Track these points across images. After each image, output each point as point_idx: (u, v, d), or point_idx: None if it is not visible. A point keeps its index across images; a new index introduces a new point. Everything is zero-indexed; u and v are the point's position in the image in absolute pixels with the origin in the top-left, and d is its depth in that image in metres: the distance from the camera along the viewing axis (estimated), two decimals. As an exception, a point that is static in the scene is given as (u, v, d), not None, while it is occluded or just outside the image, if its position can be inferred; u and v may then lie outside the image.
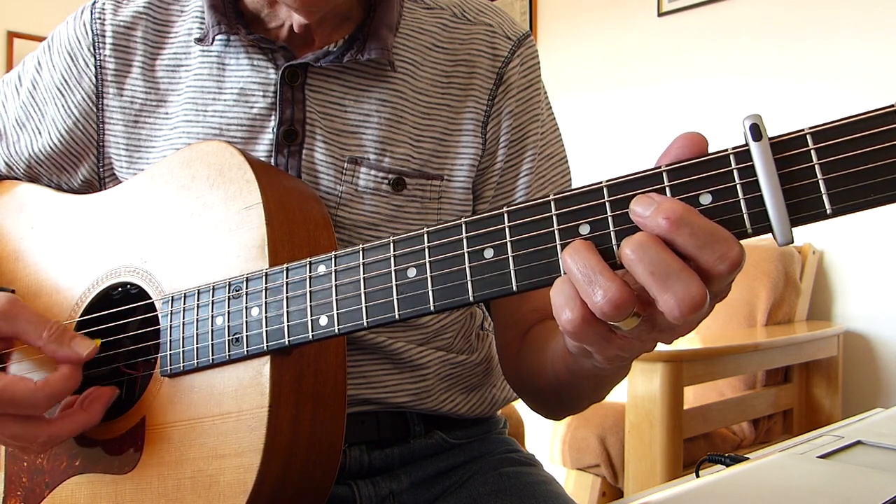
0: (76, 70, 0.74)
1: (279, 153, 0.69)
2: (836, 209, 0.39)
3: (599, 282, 0.41)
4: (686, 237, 0.40)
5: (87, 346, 0.58)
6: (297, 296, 0.54)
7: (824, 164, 0.39)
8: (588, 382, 0.61)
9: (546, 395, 0.72)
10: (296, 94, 0.70)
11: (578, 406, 0.72)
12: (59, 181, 0.77)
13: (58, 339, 0.58)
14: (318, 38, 0.72)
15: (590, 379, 0.60)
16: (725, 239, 0.40)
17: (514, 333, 0.77)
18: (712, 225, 0.40)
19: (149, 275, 0.64)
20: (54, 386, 0.56)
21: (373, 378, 0.73)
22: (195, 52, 0.73)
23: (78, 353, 0.58)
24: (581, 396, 0.68)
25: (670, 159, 0.43)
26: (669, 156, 0.43)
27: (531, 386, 0.74)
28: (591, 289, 0.41)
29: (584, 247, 0.42)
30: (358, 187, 0.70)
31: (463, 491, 0.77)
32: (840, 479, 0.53)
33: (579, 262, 0.42)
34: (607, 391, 0.68)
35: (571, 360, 0.56)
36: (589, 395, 0.68)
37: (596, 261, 0.42)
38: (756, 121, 0.40)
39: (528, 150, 0.76)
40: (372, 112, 0.71)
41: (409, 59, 0.73)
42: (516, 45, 0.76)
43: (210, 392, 0.58)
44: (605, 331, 0.44)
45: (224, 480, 0.55)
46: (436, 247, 0.49)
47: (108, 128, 0.74)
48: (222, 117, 0.71)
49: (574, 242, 0.43)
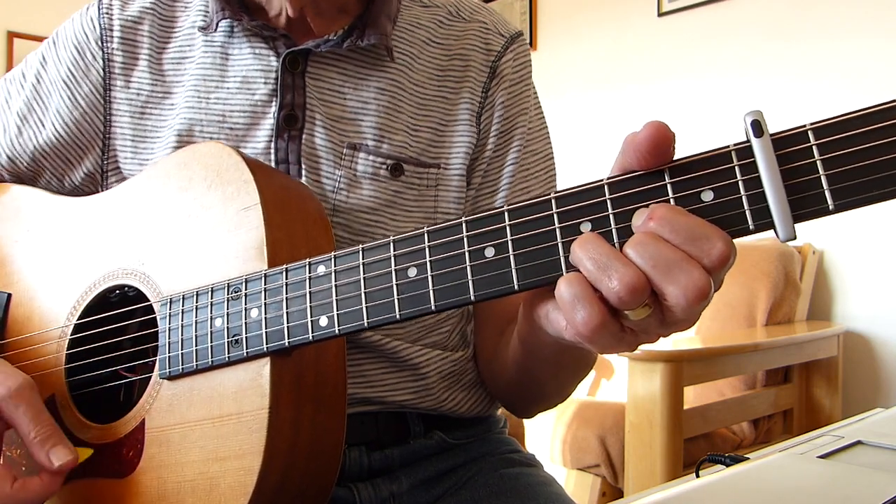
0: (83, 63, 0.75)
1: (279, 137, 0.71)
2: (839, 205, 0.38)
3: (615, 266, 0.41)
4: (669, 234, 0.40)
5: (64, 456, 0.56)
6: (297, 296, 0.53)
7: (826, 160, 0.39)
8: (546, 363, 0.63)
9: (514, 385, 0.73)
10: (296, 81, 0.71)
11: (543, 395, 0.74)
12: (62, 175, 0.77)
13: (41, 443, 0.56)
14: (317, 28, 0.74)
15: (548, 357, 0.61)
16: (708, 236, 0.40)
17: (491, 330, 0.78)
18: (695, 222, 0.40)
19: (146, 277, 0.63)
20: (30, 492, 0.55)
21: (372, 377, 0.73)
22: (199, 44, 0.74)
23: (51, 462, 0.56)
24: (542, 381, 0.69)
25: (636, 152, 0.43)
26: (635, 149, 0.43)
27: (502, 380, 0.75)
28: (605, 275, 0.41)
29: (593, 237, 0.43)
30: (357, 172, 0.71)
31: (463, 492, 0.77)
32: (840, 479, 0.53)
33: (591, 250, 0.42)
34: (570, 378, 0.70)
35: (527, 331, 0.57)
36: (550, 380, 0.69)
37: (608, 248, 0.42)
38: (757, 117, 0.40)
39: (514, 141, 0.78)
40: (370, 100, 0.73)
41: (407, 51, 0.76)
42: (509, 42, 0.79)
43: (210, 394, 0.57)
44: (619, 330, 0.43)
45: (225, 483, 0.55)
46: (436, 246, 0.48)
47: (115, 119, 0.75)
48: (225, 104, 0.72)
49: (582, 235, 0.43)
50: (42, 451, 0.56)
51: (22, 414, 0.56)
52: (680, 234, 0.40)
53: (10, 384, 0.56)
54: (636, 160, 0.42)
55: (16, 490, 0.54)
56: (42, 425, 0.57)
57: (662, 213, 0.40)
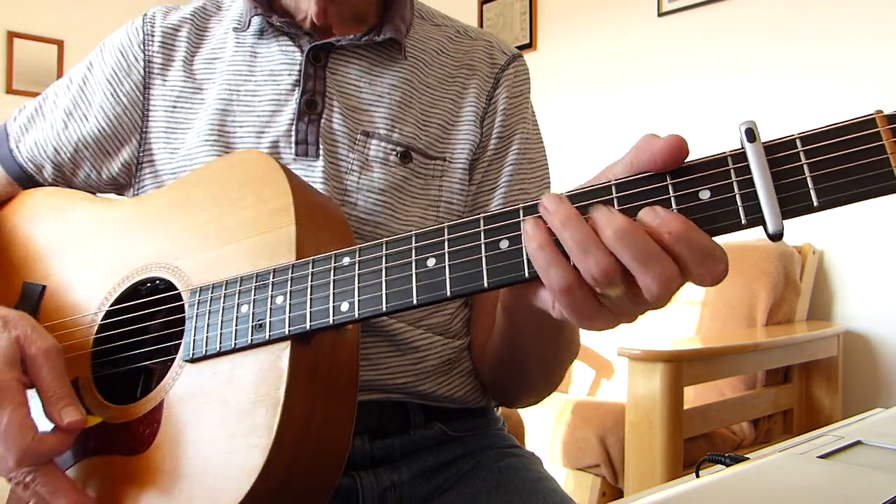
0: (126, 64, 0.83)
1: (300, 120, 0.78)
2: (823, 202, 0.43)
3: (593, 252, 0.45)
4: (684, 251, 0.44)
5: (74, 415, 0.59)
6: (321, 284, 0.57)
7: (812, 164, 0.43)
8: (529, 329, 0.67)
9: (500, 365, 0.78)
10: (318, 72, 0.80)
11: (527, 374, 0.77)
12: (101, 165, 0.84)
13: (55, 401, 0.59)
14: (338, 32, 0.83)
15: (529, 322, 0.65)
16: (718, 258, 0.44)
17: (486, 320, 0.82)
18: (708, 242, 0.44)
19: (178, 270, 0.66)
20: (45, 445, 0.58)
21: (375, 360, 0.77)
22: (230, 45, 0.83)
23: (62, 419, 0.59)
24: (525, 351, 0.72)
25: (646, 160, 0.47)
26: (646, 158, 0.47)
27: (491, 359, 0.79)
28: (585, 258, 0.45)
29: (576, 216, 0.46)
30: (369, 156, 0.79)
31: (463, 485, 0.79)
32: (840, 479, 0.53)
33: (574, 233, 0.46)
34: (553, 355, 0.74)
35: (511, 301, 0.62)
36: (533, 351, 0.72)
37: (588, 231, 0.46)
38: (751, 125, 0.45)
39: (513, 145, 0.86)
40: (384, 94, 0.81)
41: (419, 57, 0.85)
42: (511, 59, 0.89)
43: (230, 376, 0.59)
44: (591, 295, 0.47)
45: (236, 460, 0.56)
46: (454, 239, 0.52)
47: (152, 114, 0.82)
48: (254, 95, 0.80)
49: (560, 213, 0.47)
50: (55, 409, 0.59)
51: (46, 373, 0.60)
52: (696, 251, 0.44)
53: (41, 345, 0.61)
54: (649, 163, 0.46)
55: (35, 442, 0.58)
56: (60, 385, 0.61)
57: (680, 230, 0.44)
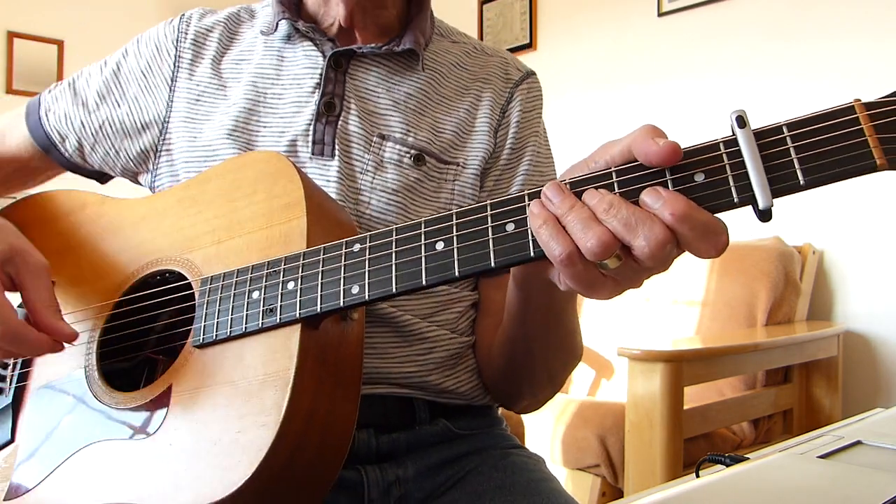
0: (159, 58, 0.89)
1: (318, 121, 0.81)
2: (809, 181, 0.46)
3: (592, 227, 0.48)
4: (687, 227, 0.47)
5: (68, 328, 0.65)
6: (332, 269, 0.58)
7: (798, 147, 0.47)
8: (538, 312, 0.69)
9: (505, 358, 0.79)
10: (338, 76, 0.84)
11: (532, 371, 0.78)
12: (119, 147, 0.89)
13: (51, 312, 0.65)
14: (361, 39, 0.87)
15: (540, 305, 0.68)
16: (719, 231, 0.48)
17: (491, 321, 0.84)
18: (708, 217, 0.48)
19: (189, 262, 0.67)
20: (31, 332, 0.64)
21: (382, 350, 0.78)
22: (259, 48, 0.87)
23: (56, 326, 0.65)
24: (533, 338, 0.73)
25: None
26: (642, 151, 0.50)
27: (497, 364, 0.81)
28: (584, 234, 0.48)
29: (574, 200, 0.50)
30: (383, 158, 0.81)
31: (467, 483, 0.80)
32: (840, 479, 0.53)
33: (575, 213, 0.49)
34: (558, 352, 0.75)
35: (523, 276, 0.65)
36: (540, 340, 0.74)
37: (586, 211, 0.49)
38: (741, 113, 0.48)
39: (525, 158, 0.88)
40: (400, 101, 0.85)
41: (437, 69, 0.89)
42: (525, 76, 0.93)
43: (240, 359, 0.60)
44: (592, 265, 0.50)
45: (244, 438, 0.56)
46: (463, 223, 0.54)
47: (175, 105, 0.86)
48: (279, 98, 0.84)
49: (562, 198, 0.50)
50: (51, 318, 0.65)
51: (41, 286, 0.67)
52: (697, 229, 0.47)
53: (38, 258, 0.68)
54: (641, 160, 0.50)
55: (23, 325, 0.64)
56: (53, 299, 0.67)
57: (683, 210, 0.47)
